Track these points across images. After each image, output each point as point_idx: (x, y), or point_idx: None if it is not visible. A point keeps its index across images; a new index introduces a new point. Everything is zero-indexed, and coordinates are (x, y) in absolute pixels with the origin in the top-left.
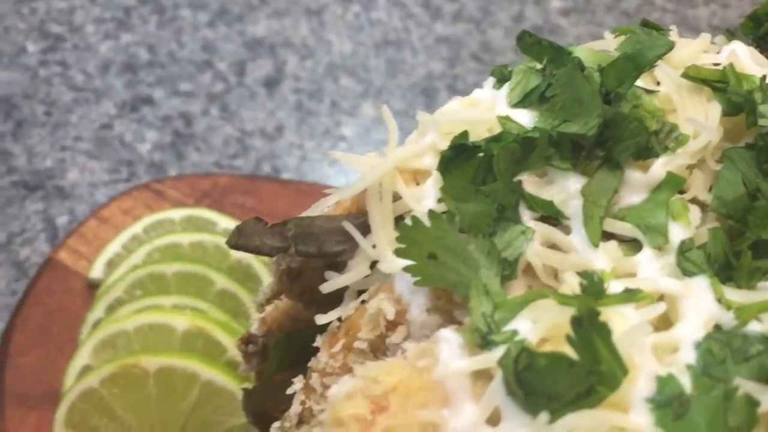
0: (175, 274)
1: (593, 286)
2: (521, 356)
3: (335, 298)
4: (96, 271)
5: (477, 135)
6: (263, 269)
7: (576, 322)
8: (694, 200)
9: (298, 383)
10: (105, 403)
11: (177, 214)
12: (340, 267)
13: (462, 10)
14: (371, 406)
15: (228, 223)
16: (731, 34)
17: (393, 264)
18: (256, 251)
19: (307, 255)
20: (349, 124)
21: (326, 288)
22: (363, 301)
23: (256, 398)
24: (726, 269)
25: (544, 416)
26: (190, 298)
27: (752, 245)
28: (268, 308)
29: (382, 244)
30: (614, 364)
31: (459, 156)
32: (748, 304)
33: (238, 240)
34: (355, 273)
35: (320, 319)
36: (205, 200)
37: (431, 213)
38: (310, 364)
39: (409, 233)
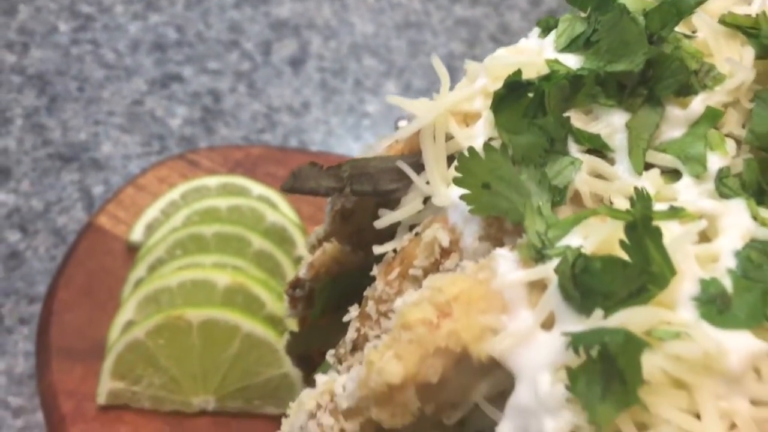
0: (214, 235)
1: (642, 200)
2: (578, 261)
3: (383, 240)
4: (136, 234)
5: (526, 77)
6: (297, 232)
7: (630, 226)
8: (729, 135)
9: (353, 311)
10: (150, 354)
11: (212, 181)
12: (392, 206)
13: None
14: (436, 312)
15: (262, 190)
16: None
17: (447, 197)
18: (312, 192)
19: (363, 194)
20: (373, 102)
21: (380, 223)
22: (416, 234)
23: (301, 341)
24: (759, 194)
25: (598, 312)
26: (229, 257)
27: None
28: (317, 253)
29: (435, 180)
30: (664, 265)
31: (512, 93)
32: None
33: (294, 183)
34: (409, 208)
35: (377, 249)
36: (238, 169)
37: (486, 145)
38: (366, 292)
39: (466, 164)
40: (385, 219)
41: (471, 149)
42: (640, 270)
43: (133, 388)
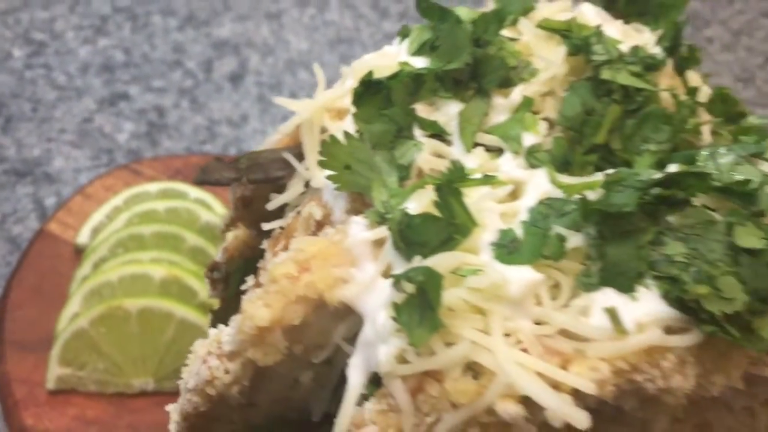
0: (152, 234)
1: (456, 169)
2: (403, 219)
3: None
4: (82, 237)
5: (383, 77)
6: None
7: (438, 188)
8: (546, 119)
9: (250, 281)
10: (93, 342)
11: (153, 187)
12: (282, 191)
13: (407, 10)
14: (298, 267)
15: (198, 193)
16: None
17: (321, 180)
18: (217, 183)
19: (257, 182)
20: None
21: (271, 206)
22: (298, 212)
23: (220, 317)
24: (564, 165)
25: (417, 258)
26: (165, 253)
27: (588, 149)
28: (229, 239)
29: (313, 166)
30: (465, 218)
31: (367, 90)
32: (573, 183)
33: (203, 177)
34: (292, 191)
35: (265, 226)
36: (178, 176)
37: (345, 133)
38: (258, 264)
39: (329, 149)
40: (275, 202)
41: (332, 137)
42: (447, 223)
43: (78, 374)
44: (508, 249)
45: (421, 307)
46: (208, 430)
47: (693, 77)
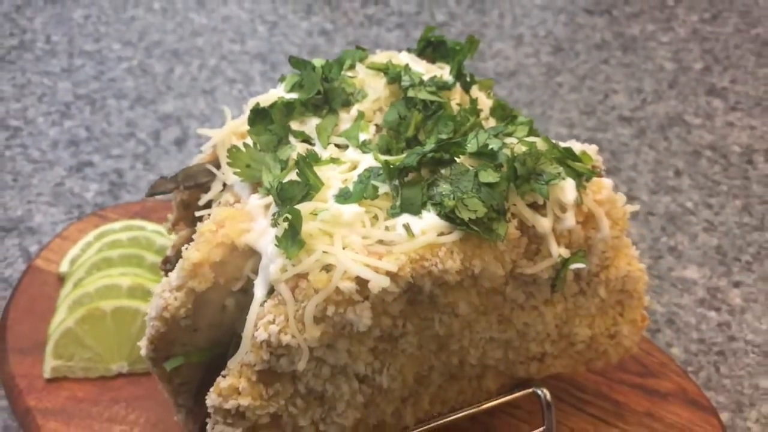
0: (118, 256)
1: (310, 153)
2: (278, 185)
3: None
4: (63, 266)
5: (266, 106)
6: None
7: (297, 162)
8: (376, 125)
9: None
10: (79, 338)
11: (117, 225)
12: (208, 191)
13: None
14: (216, 225)
15: (154, 227)
16: (408, 50)
17: (232, 178)
18: (162, 193)
19: (190, 187)
20: None
21: (201, 202)
22: (219, 203)
23: None
24: (387, 150)
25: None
26: (130, 269)
27: (403, 141)
28: (175, 237)
29: (226, 171)
30: (316, 180)
31: (256, 115)
32: (390, 160)
33: (152, 191)
34: (214, 190)
35: (198, 213)
36: (137, 217)
37: (244, 143)
38: None
39: (234, 155)
40: (203, 198)
41: (235, 146)
42: (304, 184)
43: (68, 364)
44: (344, 197)
45: (292, 235)
46: (168, 351)
47: (480, 94)
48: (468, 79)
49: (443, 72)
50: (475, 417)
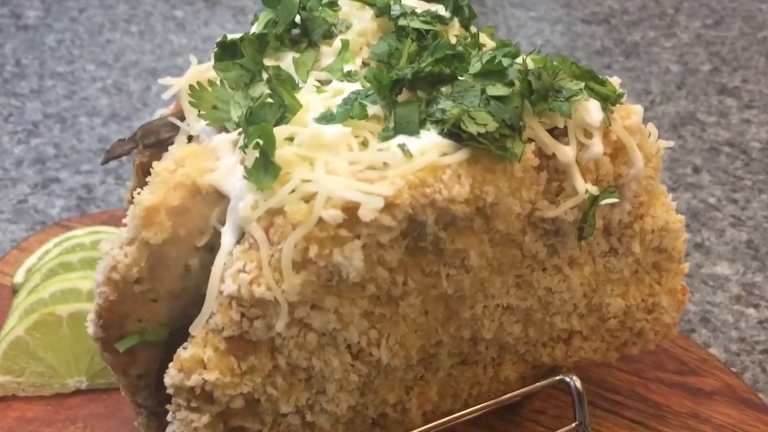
0: (79, 260)
1: (286, 76)
2: (247, 110)
3: None
4: (18, 277)
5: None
6: None
7: (268, 80)
8: (364, 60)
9: None
10: (30, 348)
11: (81, 231)
12: None
13: None
14: (174, 164)
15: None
16: None
17: (197, 128)
18: (120, 155)
19: (151, 145)
20: None
21: (164, 159)
22: None
23: None
24: (374, 81)
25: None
26: (92, 271)
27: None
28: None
29: (192, 121)
30: (292, 100)
31: (224, 49)
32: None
33: (108, 155)
34: (178, 144)
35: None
36: (104, 225)
37: (209, 80)
38: None
39: (197, 93)
40: (165, 156)
41: (199, 83)
42: (278, 105)
43: (18, 380)
44: (326, 119)
45: (264, 163)
46: (120, 328)
47: (482, 35)
48: (467, 13)
49: (436, 7)
50: (495, 426)
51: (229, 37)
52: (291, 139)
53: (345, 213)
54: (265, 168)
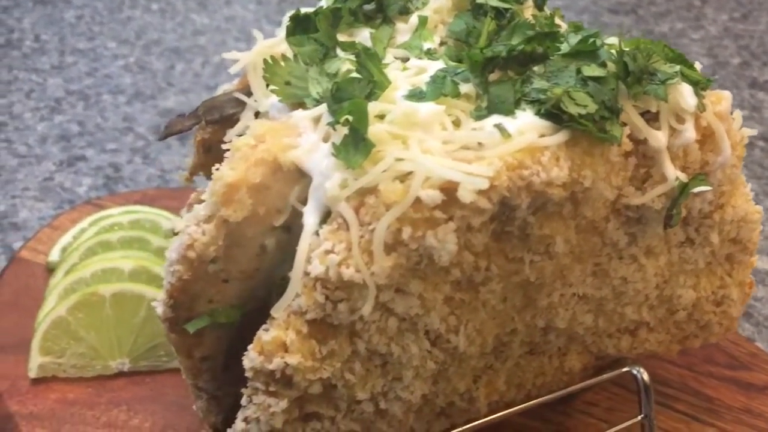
0: (119, 240)
1: (372, 51)
2: (333, 85)
3: None
4: (53, 256)
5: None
6: None
7: (356, 55)
8: (440, 41)
9: None
10: (71, 328)
11: (116, 210)
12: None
13: None
14: (255, 140)
15: (158, 211)
16: None
17: (267, 104)
18: (180, 132)
19: (214, 121)
20: None
21: (228, 137)
22: None
23: None
24: (457, 59)
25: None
26: (133, 251)
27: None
28: (192, 195)
29: (259, 97)
30: (381, 76)
31: (297, 23)
32: (457, 65)
33: (167, 131)
34: (245, 121)
35: (228, 145)
36: (138, 205)
37: (282, 55)
38: None
39: (271, 68)
40: (231, 132)
41: (273, 57)
42: (367, 81)
43: (58, 361)
44: (417, 97)
45: (354, 140)
46: (189, 309)
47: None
48: None
49: None
50: (547, 417)
51: (303, 10)
52: (381, 117)
53: (443, 194)
54: (355, 145)
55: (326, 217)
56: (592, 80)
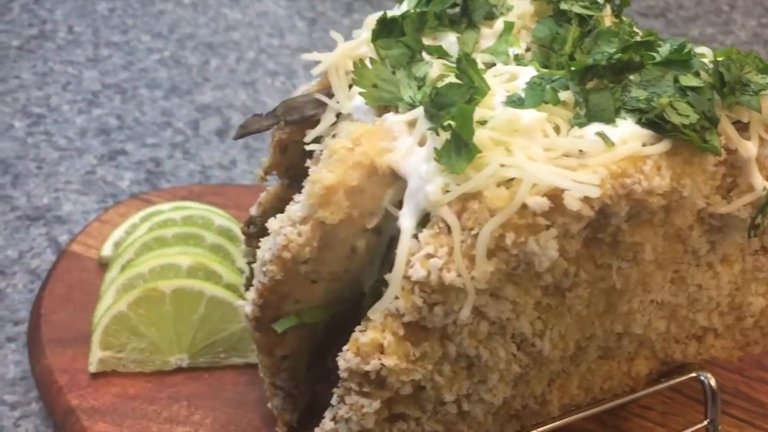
0: (174, 236)
1: (465, 57)
2: (432, 91)
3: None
4: (106, 250)
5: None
6: (240, 231)
7: (458, 61)
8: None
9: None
10: (132, 323)
11: (166, 206)
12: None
13: None
14: (352, 143)
15: (208, 207)
16: None
17: (350, 106)
18: (258, 131)
19: (294, 122)
20: None
21: (308, 138)
22: (334, 135)
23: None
24: (544, 68)
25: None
26: (189, 248)
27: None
28: (263, 194)
29: (342, 98)
30: (481, 82)
31: (383, 28)
32: (552, 71)
33: (243, 130)
34: (325, 122)
35: (309, 147)
36: (186, 201)
37: (370, 58)
38: (304, 182)
39: (359, 71)
40: (312, 133)
41: (361, 60)
42: (468, 86)
43: (118, 355)
44: (516, 103)
45: (456, 145)
46: (277, 309)
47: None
48: (617, 0)
49: None
50: (604, 419)
51: (389, 14)
52: (482, 122)
53: (551, 201)
54: (457, 151)
55: (422, 220)
56: (691, 90)
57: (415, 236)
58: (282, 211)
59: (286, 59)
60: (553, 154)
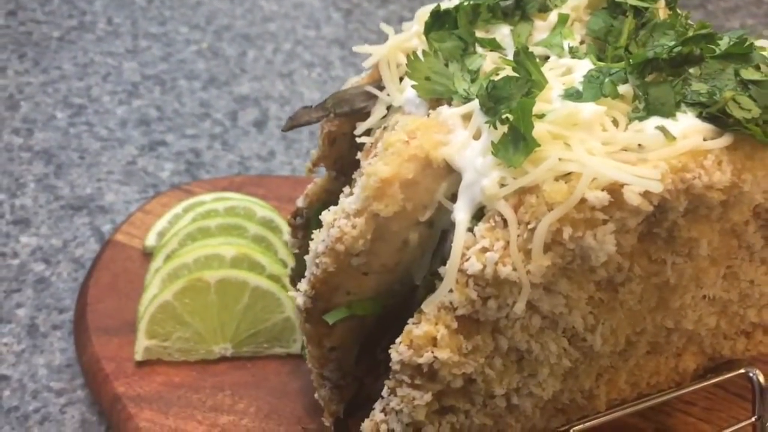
0: (217, 226)
1: (523, 50)
2: (488, 84)
3: (357, 167)
4: (150, 240)
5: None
6: (282, 222)
7: (515, 54)
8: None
9: (347, 189)
10: (177, 313)
11: (208, 197)
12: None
13: None
14: (407, 136)
15: (249, 198)
16: None
17: (402, 99)
18: (307, 123)
19: (344, 114)
20: None
21: (358, 131)
22: (385, 127)
23: (297, 272)
24: (599, 60)
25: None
26: (232, 238)
27: (613, 53)
28: (309, 185)
29: (393, 91)
30: (539, 75)
31: (436, 20)
32: (609, 64)
33: (292, 123)
34: (377, 115)
35: (360, 139)
36: (227, 192)
37: (423, 51)
38: (354, 174)
39: (412, 64)
40: (362, 126)
41: (414, 53)
42: (525, 80)
43: (164, 344)
44: (573, 97)
45: (513, 139)
46: (328, 300)
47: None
48: None
49: None
50: (647, 414)
51: (443, 6)
52: (540, 116)
53: (610, 195)
54: (515, 144)
55: (477, 213)
56: (752, 84)
57: (470, 229)
58: (329, 203)
59: (322, 50)
60: (612, 148)
